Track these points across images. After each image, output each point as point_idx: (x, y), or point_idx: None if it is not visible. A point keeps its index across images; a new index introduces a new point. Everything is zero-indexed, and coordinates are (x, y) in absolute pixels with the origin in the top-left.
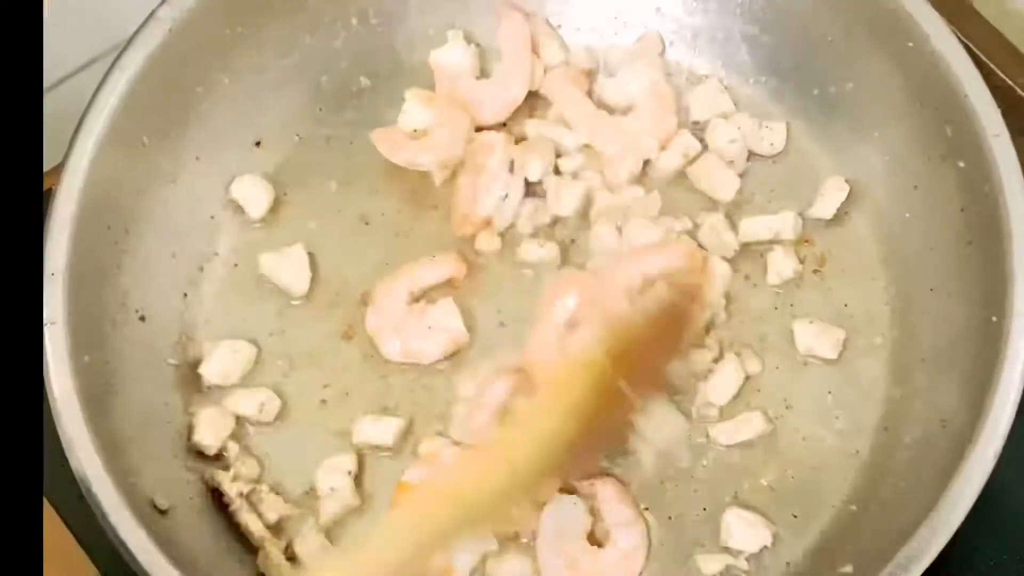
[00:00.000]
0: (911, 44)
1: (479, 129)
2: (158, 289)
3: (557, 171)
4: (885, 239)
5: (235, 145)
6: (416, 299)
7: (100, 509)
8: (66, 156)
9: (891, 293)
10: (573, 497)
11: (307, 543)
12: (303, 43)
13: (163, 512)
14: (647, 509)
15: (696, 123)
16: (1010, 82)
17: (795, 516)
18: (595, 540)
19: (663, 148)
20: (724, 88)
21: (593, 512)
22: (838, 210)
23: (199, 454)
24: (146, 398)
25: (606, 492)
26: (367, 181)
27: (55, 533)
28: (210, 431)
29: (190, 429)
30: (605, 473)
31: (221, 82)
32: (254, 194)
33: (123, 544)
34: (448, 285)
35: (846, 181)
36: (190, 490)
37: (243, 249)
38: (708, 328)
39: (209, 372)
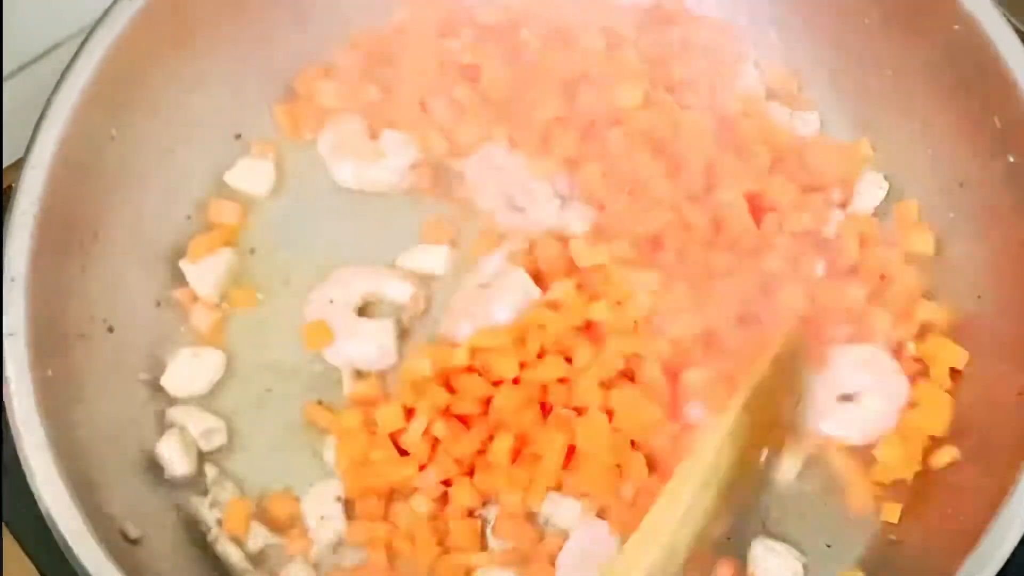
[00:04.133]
0: (957, 27)
1: None
2: (128, 297)
3: None
4: (928, 241)
5: (213, 138)
6: None
7: (63, 538)
8: (27, 151)
9: (934, 301)
10: (606, 524)
11: None
12: (288, 31)
13: (134, 541)
14: None
15: None
16: None
17: (828, 546)
18: None
19: None
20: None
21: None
22: (876, 208)
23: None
24: (115, 416)
25: None
26: None
27: (16, 566)
28: (175, 454)
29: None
30: None
31: (198, 69)
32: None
33: None
34: None
35: (885, 177)
36: (164, 517)
37: None
38: None
39: (168, 382)
